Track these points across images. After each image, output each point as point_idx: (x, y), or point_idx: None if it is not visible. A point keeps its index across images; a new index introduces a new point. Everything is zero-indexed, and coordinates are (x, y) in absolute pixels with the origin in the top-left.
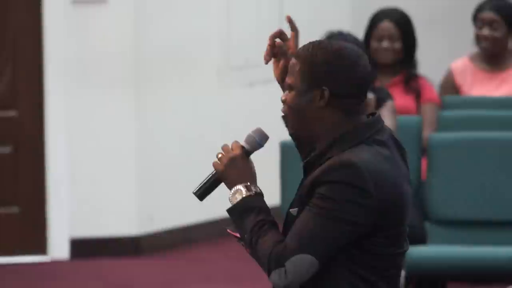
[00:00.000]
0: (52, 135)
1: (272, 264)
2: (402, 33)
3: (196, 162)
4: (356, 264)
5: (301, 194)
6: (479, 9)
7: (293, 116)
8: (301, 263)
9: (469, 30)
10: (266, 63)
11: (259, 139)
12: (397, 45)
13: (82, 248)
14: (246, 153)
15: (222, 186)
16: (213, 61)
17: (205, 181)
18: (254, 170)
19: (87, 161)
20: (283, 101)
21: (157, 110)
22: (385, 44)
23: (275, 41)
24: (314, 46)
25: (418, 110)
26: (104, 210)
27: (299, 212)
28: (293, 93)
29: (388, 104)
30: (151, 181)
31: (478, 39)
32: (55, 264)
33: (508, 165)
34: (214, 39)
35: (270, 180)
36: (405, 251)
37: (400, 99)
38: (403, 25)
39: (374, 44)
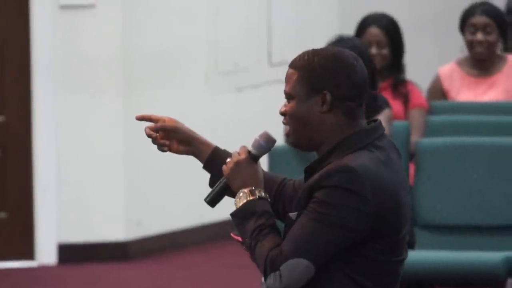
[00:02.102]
0: (40, 140)
1: (268, 268)
2: (390, 39)
3: (184, 167)
4: (353, 270)
5: (300, 198)
6: (469, 15)
7: (295, 125)
8: (296, 268)
9: (458, 36)
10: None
11: (265, 143)
12: (385, 50)
13: (69, 253)
14: (253, 157)
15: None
16: (201, 66)
17: (215, 187)
18: (260, 174)
19: (75, 166)
20: (283, 113)
21: None
22: (373, 50)
23: (155, 134)
24: (309, 53)
25: (406, 115)
26: (92, 215)
27: (298, 216)
28: (292, 102)
29: (385, 112)
30: (139, 186)
31: (472, 44)
32: (43, 269)
33: (495, 170)
34: (202, 44)
35: None
36: (404, 259)
37: None
38: (391, 30)
39: None
